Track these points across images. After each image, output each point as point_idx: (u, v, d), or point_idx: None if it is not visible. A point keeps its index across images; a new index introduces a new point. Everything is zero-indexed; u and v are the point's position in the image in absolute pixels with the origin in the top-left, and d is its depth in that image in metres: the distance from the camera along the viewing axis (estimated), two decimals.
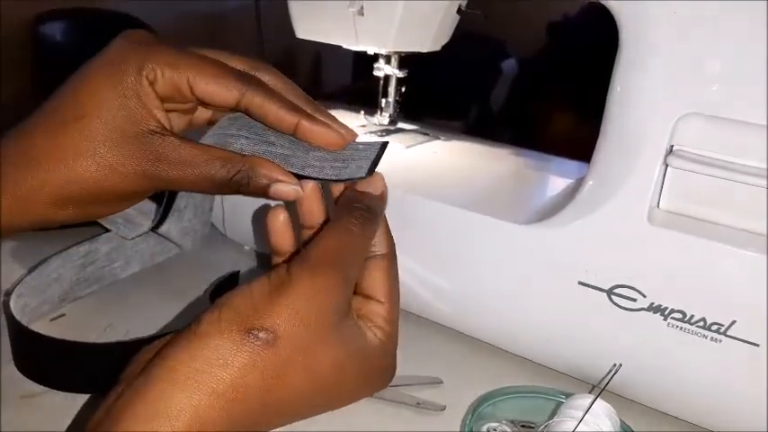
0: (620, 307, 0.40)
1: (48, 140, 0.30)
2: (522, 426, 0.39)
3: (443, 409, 0.42)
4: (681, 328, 0.38)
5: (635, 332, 0.40)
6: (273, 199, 0.31)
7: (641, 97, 0.39)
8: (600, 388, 0.39)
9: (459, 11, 0.56)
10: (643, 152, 0.39)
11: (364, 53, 0.59)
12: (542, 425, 0.37)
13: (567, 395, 0.39)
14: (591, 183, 0.42)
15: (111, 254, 0.52)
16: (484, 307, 0.46)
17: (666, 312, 0.38)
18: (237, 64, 0.32)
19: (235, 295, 0.26)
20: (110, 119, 0.29)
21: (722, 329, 0.37)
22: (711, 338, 0.37)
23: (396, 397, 0.42)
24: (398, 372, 0.44)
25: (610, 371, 0.41)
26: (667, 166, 0.39)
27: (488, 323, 0.47)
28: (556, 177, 0.54)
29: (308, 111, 0.32)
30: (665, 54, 0.38)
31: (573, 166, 0.56)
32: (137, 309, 0.51)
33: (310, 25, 0.57)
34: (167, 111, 0.32)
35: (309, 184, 0.31)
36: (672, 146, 0.39)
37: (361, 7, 0.52)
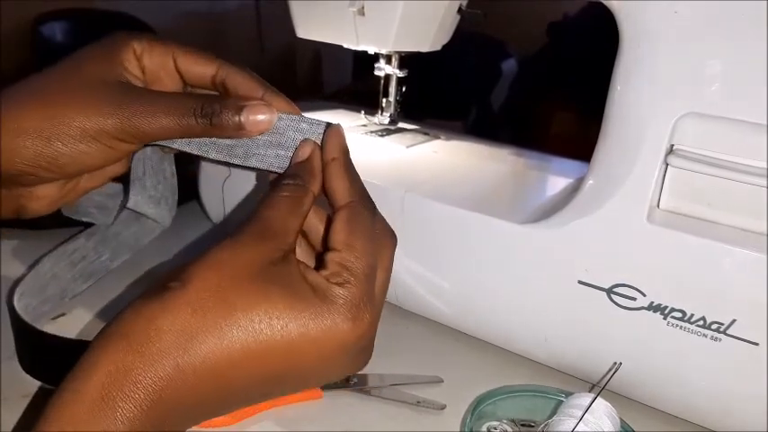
0: (620, 306, 0.40)
1: (41, 79, 0.34)
2: (523, 425, 0.39)
3: (444, 407, 0.42)
4: (681, 327, 0.38)
5: (635, 331, 0.40)
6: (246, 129, 0.32)
7: (641, 97, 0.39)
8: (600, 387, 0.39)
9: (459, 11, 0.56)
10: (643, 151, 0.39)
11: (365, 53, 0.59)
12: (542, 424, 0.38)
13: (567, 394, 0.39)
14: (591, 182, 0.42)
15: (97, 247, 0.51)
16: (484, 306, 0.46)
17: (666, 311, 0.38)
18: None
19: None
20: (91, 70, 0.33)
21: (722, 328, 0.37)
22: (711, 337, 0.37)
23: (396, 396, 0.42)
24: (399, 371, 0.45)
25: (610, 370, 0.41)
26: (667, 165, 0.39)
27: (488, 322, 0.47)
28: (556, 177, 0.54)
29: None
30: (665, 54, 0.38)
31: (573, 165, 0.56)
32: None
33: (311, 25, 0.57)
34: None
35: None
36: (672, 145, 0.39)
37: (362, 7, 0.52)
